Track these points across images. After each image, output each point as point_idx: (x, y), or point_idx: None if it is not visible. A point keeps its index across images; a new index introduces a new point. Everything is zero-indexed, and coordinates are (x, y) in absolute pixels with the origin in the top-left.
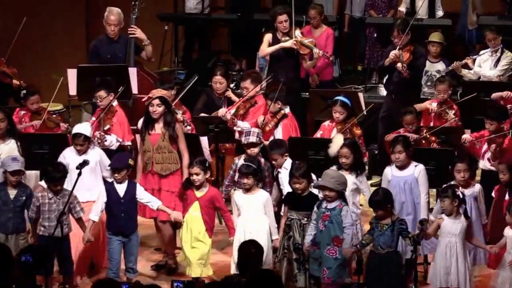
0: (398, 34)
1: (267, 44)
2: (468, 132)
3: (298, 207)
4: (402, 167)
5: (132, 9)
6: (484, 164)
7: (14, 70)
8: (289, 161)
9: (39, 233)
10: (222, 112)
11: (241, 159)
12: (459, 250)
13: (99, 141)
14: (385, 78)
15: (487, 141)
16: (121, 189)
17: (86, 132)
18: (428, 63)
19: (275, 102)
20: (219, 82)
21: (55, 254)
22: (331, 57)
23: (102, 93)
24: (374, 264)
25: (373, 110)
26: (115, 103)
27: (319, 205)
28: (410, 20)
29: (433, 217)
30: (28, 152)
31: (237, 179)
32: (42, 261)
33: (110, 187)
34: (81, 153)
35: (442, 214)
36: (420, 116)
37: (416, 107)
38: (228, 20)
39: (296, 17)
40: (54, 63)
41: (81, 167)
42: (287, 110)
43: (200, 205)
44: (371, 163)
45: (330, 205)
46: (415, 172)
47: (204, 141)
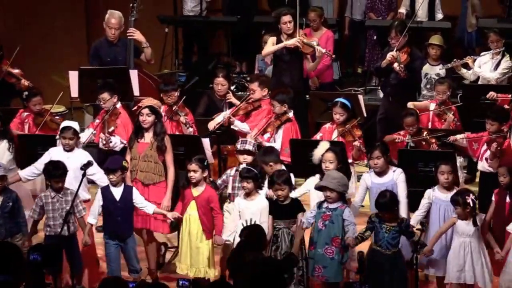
0: (396, 36)
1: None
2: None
3: (283, 216)
4: (381, 173)
5: (130, 11)
6: (483, 166)
7: (21, 71)
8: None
9: (46, 234)
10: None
11: (233, 170)
12: (474, 249)
13: (104, 143)
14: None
15: (486, 142)
16: (117, 193)
17: (76, 127)
18: (428, 66)
19: (282, 105)
20: (221, 84)
21: (64, 253)
22: (333, 56)
23: (106, 95)
24: (378, 263)
25: (374, 112)
26: (119, 105)
27: (320, 205)
28: (408, 22)
29: (413, 223)
30: (33, 153)
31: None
32: (51, 260)
33: (106, 191)
34: (68, 149)
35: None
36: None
37: (415, 105)
38: (228, 23)
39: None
40: (54, 64)
41: (86, 168)
42: (291, 115)
43: (197, 205)
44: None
45: (332, 206)
46: (394, 177)
47: (206, 143)
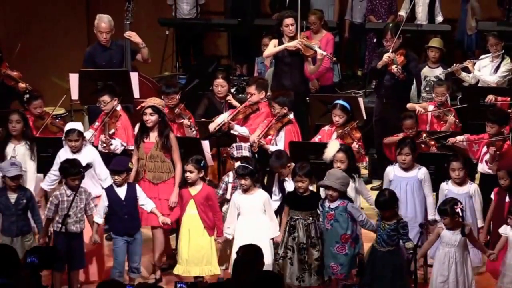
0: (391, 37)
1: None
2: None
3: (301, 207)
4: (407, 169)
5: (125, 15)
6: (483, 168)
7: (19, 74)
8: None
9: (54, 229)
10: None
11: (230, 176)
12: (458, 260)
13: (105, 145)
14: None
15: (486, 144)
16: (122, 192)
17: (79, 127)
18: (427, 69)
19: (283, 107)
20: (221, 85)
21: (69, 250)
22: (334, 58)
23: (106, 98)
24: (375, 261)
25: (373, 115)
26: (119, 108)
27: (322, 204)
28: (407, 25)
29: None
30: (44, 155)
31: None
32: (48, 262)
33: (111, 191)
34: (75, 150)
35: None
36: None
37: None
38: (228, 25)
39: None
40: (55, 66)
41: (84, 170)
42: (291, 117)
43: (196, 203)
44: (371, 167)
45: (333, 204)
46: (419, 175)
47: (206, 145)
